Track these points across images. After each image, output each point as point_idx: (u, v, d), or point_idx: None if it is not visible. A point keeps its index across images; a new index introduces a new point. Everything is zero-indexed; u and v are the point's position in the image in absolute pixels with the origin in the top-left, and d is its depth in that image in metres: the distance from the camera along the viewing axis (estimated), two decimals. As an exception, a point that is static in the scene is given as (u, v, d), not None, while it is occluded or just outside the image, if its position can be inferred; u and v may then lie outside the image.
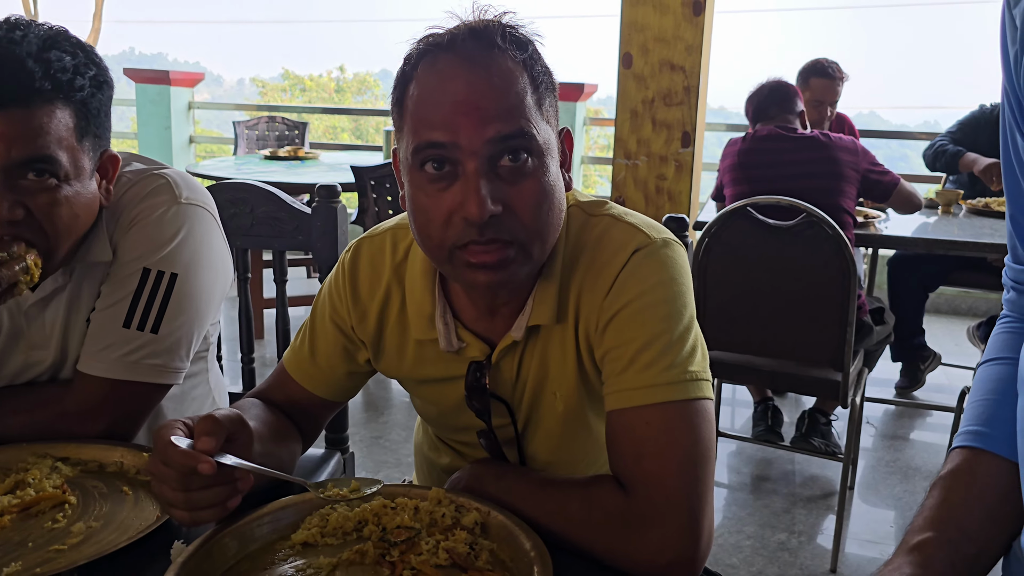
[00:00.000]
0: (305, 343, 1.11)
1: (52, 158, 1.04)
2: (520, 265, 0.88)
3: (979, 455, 0.82)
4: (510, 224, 0.86)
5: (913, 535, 0.78)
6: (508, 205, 0.85)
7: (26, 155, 1.02)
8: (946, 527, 0.78)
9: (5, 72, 0.99)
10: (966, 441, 0.83)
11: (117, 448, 1.09)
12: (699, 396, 0.89)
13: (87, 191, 1.10)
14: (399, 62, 0.91)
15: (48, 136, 1.03)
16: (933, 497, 0.81)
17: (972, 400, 0.86)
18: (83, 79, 1.06)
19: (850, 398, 2.37)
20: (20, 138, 1.01)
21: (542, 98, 0.89)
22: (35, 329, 1.19)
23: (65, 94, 1.04)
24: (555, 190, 0.89)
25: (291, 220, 1.67)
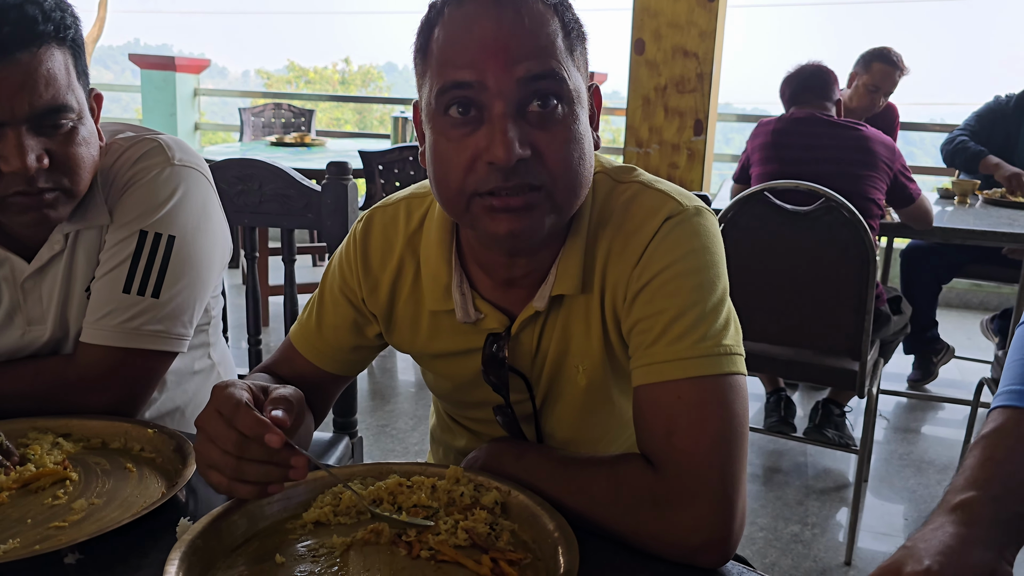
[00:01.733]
0: (312, 316, 1.07)
1: (67, 104, 1.03)
2: (545, 213, 0.83)
3: (1021, 413, 0.78)
4: (537, 169, 0.81)
5: (955, 494, 0.74)
6: (536, 150, 0.81)
7: (46, 104, 1.01)
8: (990, 485, 0.74)
9: (9, 18, 0.97)
10: (1008, 400, 0.80)
11: (122, 424, 1.05)
12: (733, 371, 0.85)
13: (93, 129, 1.11)
14: (405, 51, 0.87)
15: (58, 82, 1.02)
16: (974, 456, 0.77)
17: (1012, 360, 0.82)
18: (69, 18, 1.05)
19: (867, 388, 2.33)
20: (36, 86, 0.99)
21: (573, 45, 0.85)
22: (32, 303, 1.16)
23: (62, 35, 1.03)
24: (585, 139, 0.85)
25: (301, 198, 1.63)
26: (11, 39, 0.97)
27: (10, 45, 0.97)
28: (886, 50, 3.51)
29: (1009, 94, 3.65)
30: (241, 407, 0.77)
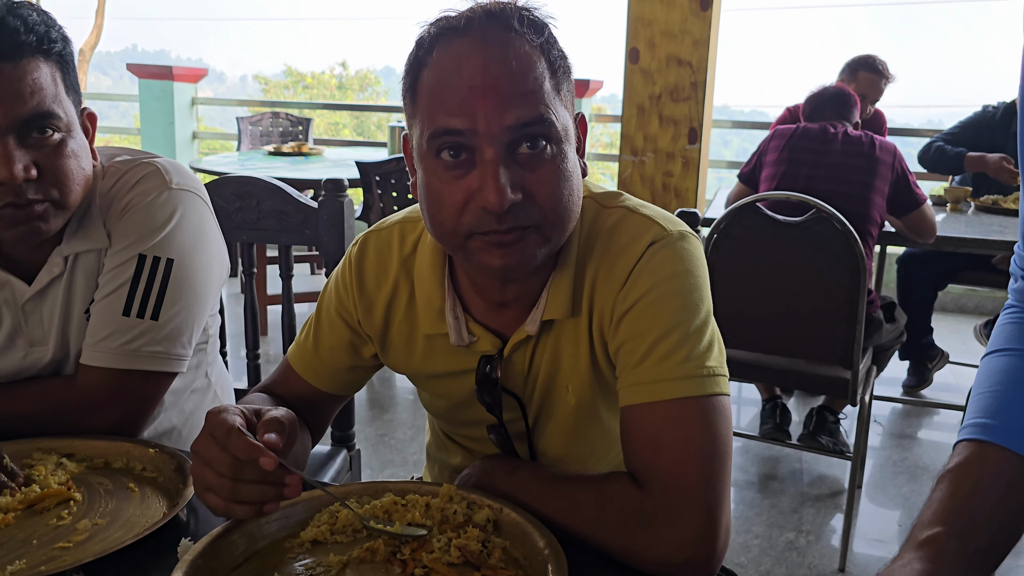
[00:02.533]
0: (309, 337, 1.09)
1: (53, 112, 1.05)
2: (537, 247, 0.86)
3: (986, 447, 0.81)
4: (529, 210, 0.84)
5: (922, 529, 0.77)
6: (527, 191, 0.83)
7: (29, 112, 1.03)
8: (956, 520, 0.76)
9: None
10: (972, 434, 0.82)
11: (124, 444, 1.07)
12: (717, 391, 0.87)
13: (84, 145, 1.13)
14: (407, 52, 0.89)
15: (44, 91, 1.04)
16: (940, 491, 0.79)
17: (978, 392, 0.85)
18: (55, 33, 1.07)
19: (859, 396, 2.35)
20: (21, 95, 1.01)
21: (560, 83, 0.87)
22: (33, 324, 1.18)
23: (46, 47, 1.05)
24: (573, 176, 0.87)
25: (298, 214, 1.65)
26: None
27: None
28: (871, 58, 3.54)
29: (997, 104, 3.68)
30: (234, 432, 0.80)
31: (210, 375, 1.38)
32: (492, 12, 0.84)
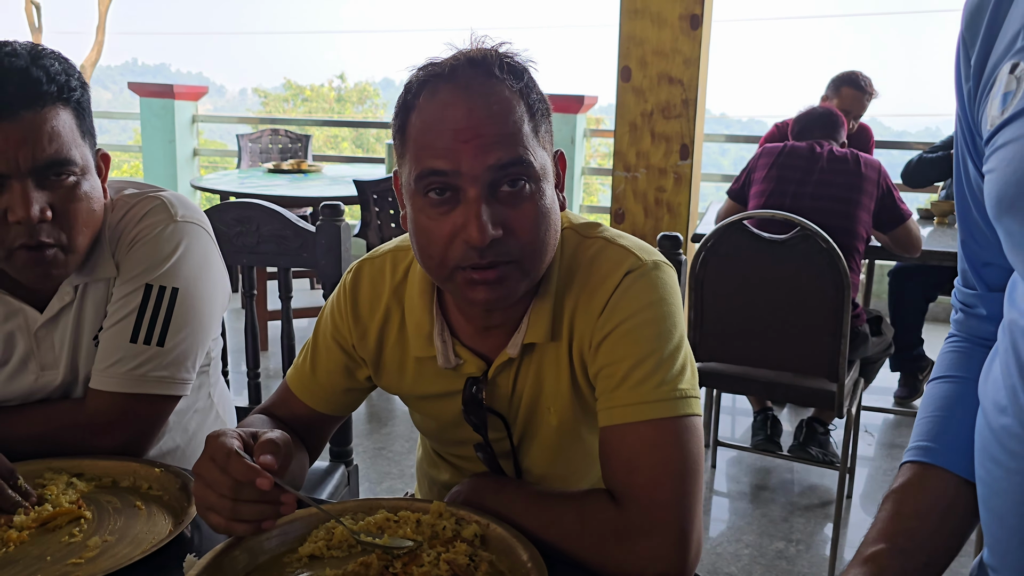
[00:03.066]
0: (307, 361, 1.15)
1: (70, 159, 1.12)
2: (518, 282, 0.92)
3: (927, 469, 0.86)
4: (509, 245, 0.90)
5: (867, 547, 0.83)
6: (508, 227, 0.89)
7: (48, 157, 1.09)
8: (897, 538, 0.82)
9: (14, 80, 1.06)
10: (915, 456, 0.88)
11: (130, 464, 1.13)
12: (688, 413, 0.93)
13: (96, 186, 1.19)
14: (400, 86, 0.95)
15: (62, 137, 1.10)
16: (885, 510, 0.85)
17: (921, 417, 0.90)
18: (74, 81, 1.14)
19: (845, 408, 2.41)
20: (40, 141, 1.08)
21: (538, 125, 0.93)
22: (45, 350, 1.24)
23: (65, 96, 1.12)
24: (551, 212, 0.93)
25: (296, 238, 1.71)
26: (15, 98, 1.06)
27: (14, 103, 1.06)
28: (855, 75, 3.61)
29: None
30: (232, 455, 0.85)
31: (212, 396, 1.44)
32: (475, 59, 0.90)
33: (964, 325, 0.92)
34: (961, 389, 0.88)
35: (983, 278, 0.87)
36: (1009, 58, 0.70)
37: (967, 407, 0.85)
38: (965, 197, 0.85)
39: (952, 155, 2.99)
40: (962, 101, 0.80)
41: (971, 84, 0.77)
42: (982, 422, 0.77)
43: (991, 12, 0.74)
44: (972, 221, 0.85)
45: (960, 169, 0.85)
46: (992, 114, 0.71)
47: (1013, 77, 0.68)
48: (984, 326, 0.89)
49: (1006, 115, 0.68)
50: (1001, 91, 0.69)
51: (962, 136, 0.82)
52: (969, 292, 0.90)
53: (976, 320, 0.90)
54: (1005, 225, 0.69)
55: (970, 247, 0.87)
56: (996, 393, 0.74)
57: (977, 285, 0.89)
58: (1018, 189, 0.65)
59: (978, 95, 0.76)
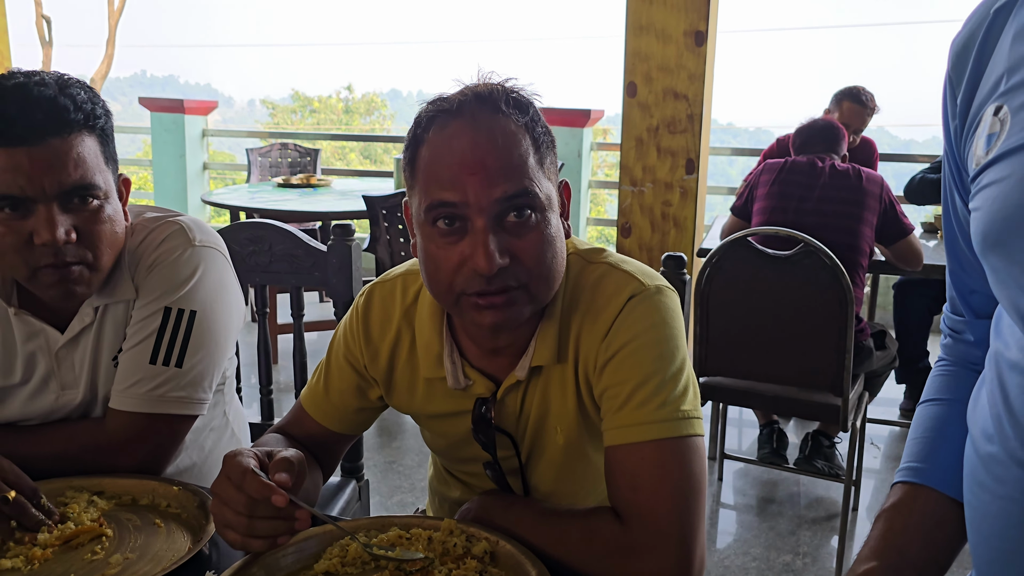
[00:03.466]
0: (320, 381, 1.18)
1: (94, 184, 1.16)
2: (524, 306, 0.96)
3: (917, 489, 0.89)
4: (516, 272, 0.93)
5: (860, 564, 0.86)
6: (514, 256, 0.92)
7: (74, 182, 1.13)
8: (889, 555, 0.85)
9: (43, 108, 1.10)
10: (905, 477, 0.91)
11: (149, 482, 1.16)
12: (691, 433, 0.96)
13: (118, 209, 1.23)
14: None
15: (87, 163, 1.14)
16: (877, 529, 0.89)
17: (911, 438, 0.94)
18: (99, 109, 1.18)
19: (850, 422, 2.43)
20: (65, 167, 1.12)
21: (543, 157, 0.96)
22: (65, 370, 1.28)
23: (91, 123, 1.16)
24: (556, 240, 0.97)
25: (308, 257, 1.75)
26: (44, 126, 1.10)
27: (42, 131, 1.10)
28: (856, 89, 3.64)
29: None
30: (248, 473, 0.88)
31: (227, 414, 1.48)
32: (482, 95, 0.94)
33: (953, 350, 0.95)
34: (950, 411, 0.91)
35: (970, 305, 0.90)
36: (993, 100, 0.73)
37: (955, 429, 0.87)
38: (952, 228, 0.88)
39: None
40: (949, 138, 0.83)
41: (957, 123, 0.80)
42: (970, 449, 0.80)
43: (976, 54, 0.77)
44: (959, 251, 0.88)
45: (947, 201, 0.88)
46: (978, 154, 0.74)
47: (997, 119, 0.71)
48: (972, 351, 0.92)
49: (990, 156, 0.71)
50: (986, 132, 0.72)
51: (949, 170, 0.85)
52: (957, 319, 0.93)
53: (964, 345, 0.93)
54: (990, 262, 0.72)
55: (958, 276, 0.90)
56: (983, 421, 0.77)
57: (965, 312, 0.91)
58: (1002, 227, 0.68)
59: (964, 134, 0.79)
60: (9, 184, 1.10)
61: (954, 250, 0.89)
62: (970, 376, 0.89)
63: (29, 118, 1.09)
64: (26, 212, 1.12)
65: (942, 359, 0.96)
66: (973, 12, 0.80)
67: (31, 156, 1.10)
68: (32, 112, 1.09)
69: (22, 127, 1.09)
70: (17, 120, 1.09)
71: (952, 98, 0.81)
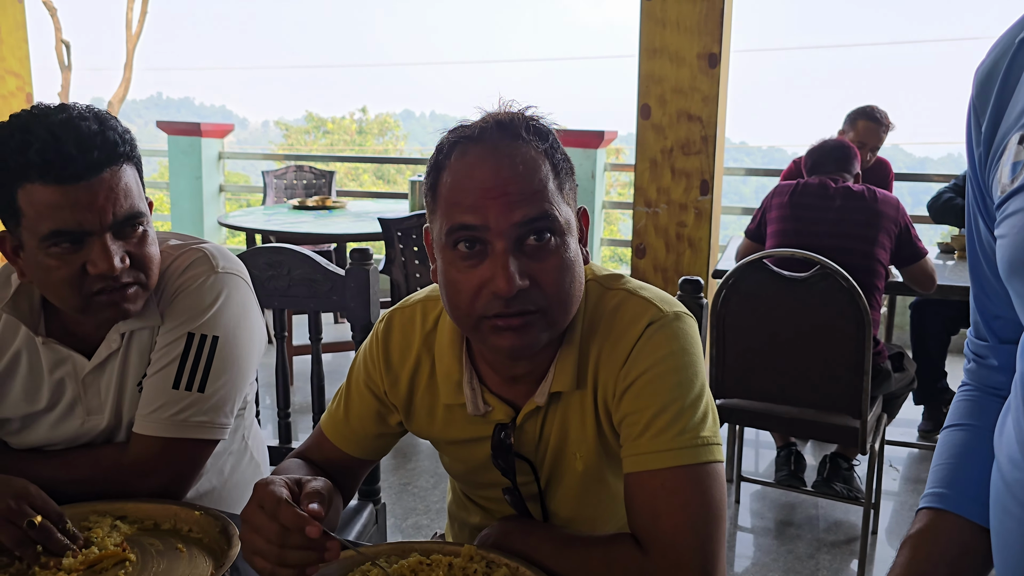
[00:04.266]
0: (340, 407, 1.19)
1: (141, 211, 1.20)
2: (542, 330, 0.96)
3: (942, 515, 0.89)
4: (535, 295, 0.94)
5: None
6: (534, 279, 0.93)
7: (126, 212, 1.17)
8: None
9: (91, 143, 1.13)
10: (930, 503, 0.91)
11: (171, 506, 1.17)
12: (710, 460, 0.96)
13: (154, 230, 1.26)
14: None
15: (133, 192, 1.19)
16: (903, 555, 0.88)
17: (935, 464, 0.93)
18: (133, 140, 1.22)
19: (869, 444, 2.41)
20: (118, 198, 1.16)
21: (563, 183, 0.97)
22: (91, 395, 1.29)
23: (131, 154, 1.20)
24: (575, 264, 0.98)
25: (326, 281, 1.76)
26: (98, 161, 1.14)
27: (96, 167, 1.14)
28: (870, 108, 3.65)
29: None
30: (282, 503, 0.89)
31: (247, 438, 1.49)
32: (502, 122, 0.95)
33: (976, 375, 0.95)
34: (973, 437, 0.91)
35: (994, 330, 0.90)
36: (1018, 129, 0.73)
37: (979, 455, 0.87)
38: (976, 253, 0.88)
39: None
40: (973, 164, 0.83)
41: (982, 150, 0.80)
42: (996, 475, 0.80)
43: (1000, 83, 0.77)
44: (983, 276, 0.88)
45: (972, 226, 0.88)
46: (1003, 182, 0.74)
47: (1022, 148, 0.72)
48: (996, 376, 0.91)
49: (1016, 184, 0.72)
50: (1011, 160, 0.73)
51: (973, 196, 0.85)
52: (981, 343, 0.93)
53: (988, 370, 0.93)
54: (1015, 287, 0.72)
55: (981, 300, 0.91)
56: (1009, 447, 0.77)
57: (988, 337, 0.91)
58: None
59: (989, 161, 0.79)
60: (67, 220, 1.13)
61: (978, 276, 0.89)
62: (994, 402, 0.89)
63: (85, 155, 1.12)
64: (80, 244, 1.15)
65: (965, 384, 0.96)
66: (997, 41, 0.80)
67: (89, 191, 1.13)
68: (86, 149, 1.12)
69: (78, 164, 1.12)
70: (73, 158, 1.11)
71: (977, 126, 0.81)
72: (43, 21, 16.84)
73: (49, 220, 1.12)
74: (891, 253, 2.69)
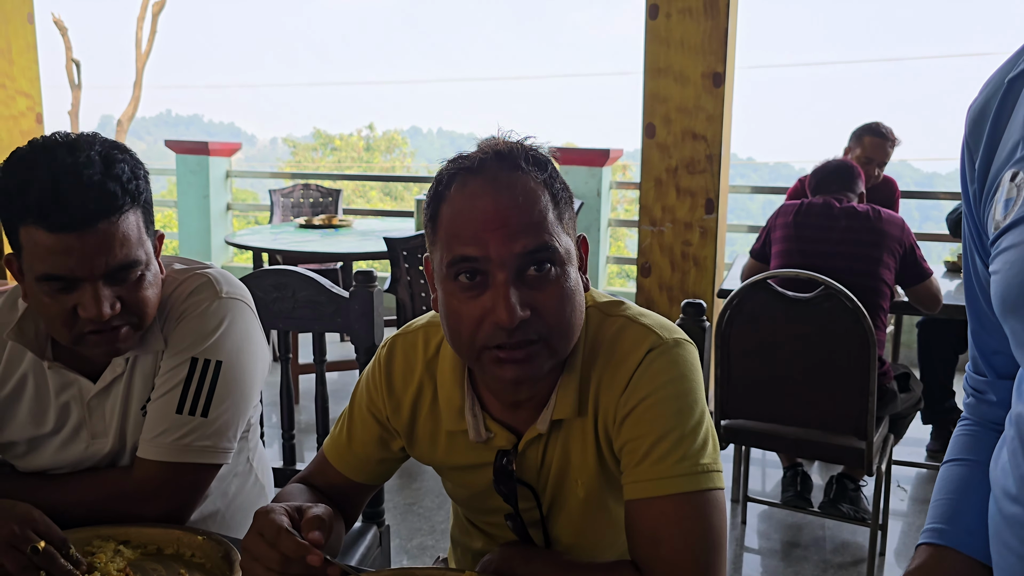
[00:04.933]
0: (343, 431, 1.20)
1: (137, 259, 1.19)
2: (545, 360, 0.96)
3: (943, 551, 0.89)
4: (536, 325, 0.94)
5: None
6: (535, 308, 0.94)
7: (120, 262, 1.16)
8: None
9: (93, 194, 1.12)
10: (930, 538, 0.91)
11: (174, 531, 1.17)
12: (710, 487, 0.96)
13: (156, 270, 1.26)
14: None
15: (131, 241, 1.17)
16: None
17: (935, 499, 0.93)
18: (142, 182, 1.20)
19: (875, 466, 2.40)
20: (112, 249, 1.15)
21: (562, 212, 0.98)
22: (96, 419, 1.30)
23: (135, 201, 1.18)
24: (576, 293, 0.98)
25: (330, 304, 1.77)
26: (94, 213, 1.13)
27: (92, 218, 1.13)
28: (875, 124, 3.66)
29: None
30: (283, 532, 0.89)
31: (251, 460, 1.49)
32: (502, 152, 0.96)
33: (975, 409, 0.95)
34: (973, 472, 0.91)
35: (993, 366, 0.90)
36: (1010, 166, 0.74)
37: (979, 490, 0.87)
38: (974, 288, 0.89)
39: None
40: (967, 201, 0.84)
41: (976, 187, 0.81)
42: (994, 509, 0.79)
43: (992, 121, 0.78)
44: (981, 311, 0.88)
45: (968, 262, 0.88)
46: (996, 218, 0.75)
47: (1014, 185, 0.72)
48: (994, 411, 0.91)
49: (1008, 220, 0.72)
50: (1003, 197, 0.74)
51: (969, 232, 0.86)
52: (980, 379, 0.93)
53: (987, 406, 0.93)
54: (1010, 324, 0.73)
55: (979, 336, 0.91)
56: (1005, 481, 0.76)
57: (987, 372, 0.92)
58: (1019, 291, 0.69)
59: (983, 197, 0.80)
60: (59, 266, 1.13)
61: (975, 310, 0.89)
62: (993, 436, 0.89)
63: (81, 206, 1.11)
64: (72, 288, 1.15)
65: (965, 419, 0.96)
66: (988, 80, 0.81)
67: (82, 240, 1.12)
68: (83, 200, 1.11)
69: (74, 214, 1.11)
70: (69, 208, 1.11)
71: (970, 163, 0.82)
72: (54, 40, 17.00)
73: (42, 263, 1.13)
74: (896, 273, 2.69)
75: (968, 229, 0.86)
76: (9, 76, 4.72)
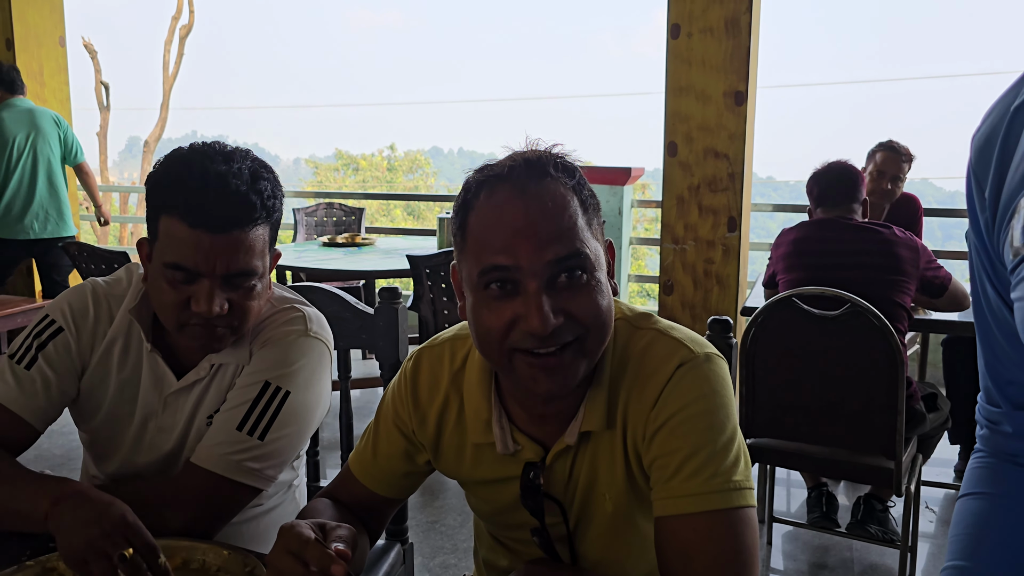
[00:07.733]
0: (369, 445, 1.20)
1: (255, 270, 1.25)
2: (578, 365, 0.95)
3: None
4: (570, 327, 0.93)
5: None
6: (567, 313, 0.93)
7: (240, 268, 1.23)
8: None
9: (232, 202, 1.19)
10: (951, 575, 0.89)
11: (200, 545, 1.17)
12: (742, 504, 0.95)
13: (267, 283, 1.32)
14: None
15: (255, 252, 1.24)
16: None
17: (953, 534, 0.92)
18: (278, 201, 1.28)
19: (904, 486, 2.37)
20: (237, 254, 1.22)
21: (591, 218, 0.98)
22: (167, 414, 1.36)
23: (269, 216, 1.26)
24: (606, 297, 0.97)
25: (355, 320, 1.78)
26: (232, 220, 1.20)
27: (229, 224, 1.20)
28: (888, 141, 3.64)
29: None
30: (311, 543, 0.89)
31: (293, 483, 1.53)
32: (530, 160, 0.96)
33: (990, 441, 0.93)
34: (990, 506, 0.89)
35: (1007, 396, 0.88)
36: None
37: (997, 524, 0.85)
38: (986, 319, 0.87)
39: None
40: (978, 230, 0.82)
41: (987, 215, 0.79)
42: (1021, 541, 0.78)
43: (1000, 148, 0.77)
44: (994, 341, 0.87)
45: (979, 292, 0.86)
46: (1015, 244, 0.73)
47: None
48: (1010, 443, 0.89)
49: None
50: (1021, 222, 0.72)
51: (979, 261, 0.84)
52: (994, 410, 0.91)
53: (1002, 437, 0.91)
54: None
55: (993, 366, 0.89)
56: None
57: (1001, 403, 0.90)
58: None
59: (997, 225, 0.78)
60: (186, 257, 1.20)
61: (988, 341, 0.88)
62: (1009, 468, 0.87)
63: (222, 211, 1.19)
64: (192, 281, 1.21)
65: (979, 450, 0.94)
66: (991, 109, 0.80)
67: (213, 241, 1.19)
68: (225, 206, 1.19)
69: (214, 216, 1.18)
70: (211, 210, 1.18)
71: (979, 192, 0.80)
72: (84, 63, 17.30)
73: (173, 252, 1.20)
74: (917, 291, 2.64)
75: (979, 258, 0.84)
76: (41, 97, 4.80)
